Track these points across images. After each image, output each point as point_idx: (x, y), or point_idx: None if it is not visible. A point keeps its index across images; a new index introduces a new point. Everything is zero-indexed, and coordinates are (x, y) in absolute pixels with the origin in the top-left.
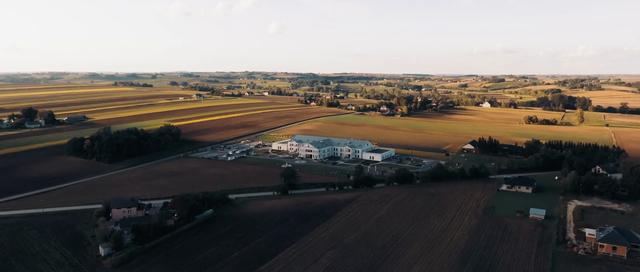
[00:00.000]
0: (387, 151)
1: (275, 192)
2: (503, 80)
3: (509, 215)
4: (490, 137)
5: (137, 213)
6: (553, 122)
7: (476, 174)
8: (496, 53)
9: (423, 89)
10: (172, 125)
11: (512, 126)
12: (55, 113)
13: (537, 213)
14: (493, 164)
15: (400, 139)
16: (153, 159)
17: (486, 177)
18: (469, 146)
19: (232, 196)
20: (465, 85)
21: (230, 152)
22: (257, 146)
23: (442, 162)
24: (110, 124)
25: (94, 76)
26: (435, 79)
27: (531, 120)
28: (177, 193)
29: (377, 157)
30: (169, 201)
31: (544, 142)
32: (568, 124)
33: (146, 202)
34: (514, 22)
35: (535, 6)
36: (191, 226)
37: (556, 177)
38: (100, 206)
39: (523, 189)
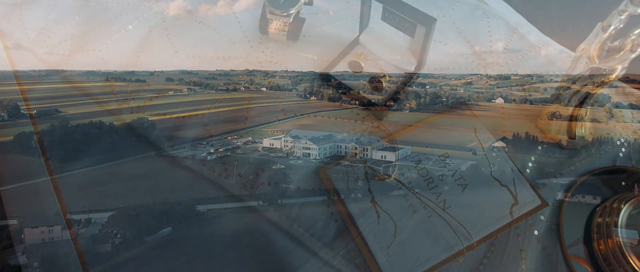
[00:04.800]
0: (402, 148)
1: (261, 202)
2: (509, 78)
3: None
4: (527, 133)
5: (62, 234)
6: (579, 119)
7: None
8: (498, 52)
9: (427, 86)
10: (146, 119)
11: (536, 122)
12: (23, 106)
13: (627, 236)
14: (537, 165)
15: (414, 135)
16: (117, 157)
17: (535, 182)
18: (500, 143)
19: (201, 208)
20: (470, 83)
21: (212, 150)
22: (245, 143)
23: (474, 163)
24: (83, 118)
25: (91, 74)
26: (438, 77)
27: (554, 116)
28: (131, 203)
29: (391, 156)
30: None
31: (589, 139)
32: (595, 120)
33: (83, 217)
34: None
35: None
36: (136, 254)
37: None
38: (15, 223)
39: (590, 199)
